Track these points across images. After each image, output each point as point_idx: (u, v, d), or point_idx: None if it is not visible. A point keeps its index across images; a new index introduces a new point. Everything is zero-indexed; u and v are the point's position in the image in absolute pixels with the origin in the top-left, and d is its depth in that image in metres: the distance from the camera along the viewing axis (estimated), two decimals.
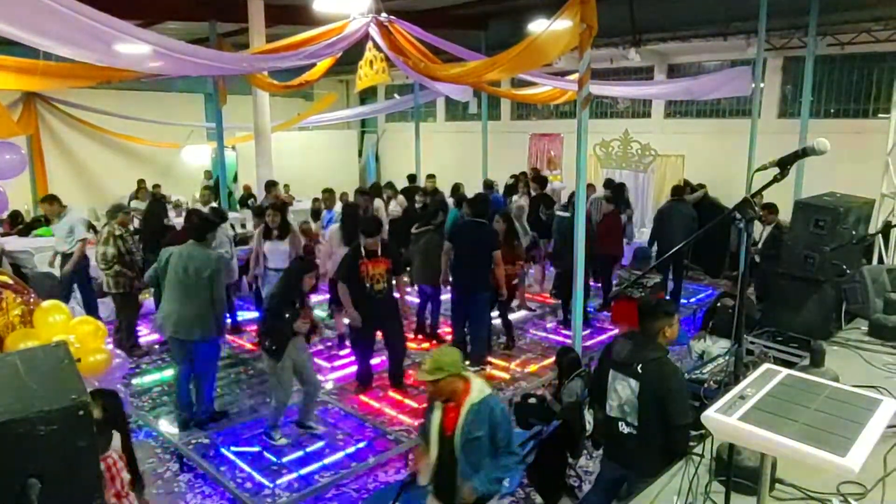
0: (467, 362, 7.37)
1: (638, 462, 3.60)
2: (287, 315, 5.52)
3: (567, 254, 8.05)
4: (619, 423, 3.64)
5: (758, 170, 2.36)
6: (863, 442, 1.79)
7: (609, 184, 10.76)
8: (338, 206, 9.49)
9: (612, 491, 3.82)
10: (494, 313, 7.93)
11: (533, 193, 11.01)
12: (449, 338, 7.91)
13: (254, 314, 8.91)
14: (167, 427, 6.16)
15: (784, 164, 2.29)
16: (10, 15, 4.75)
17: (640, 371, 3.54)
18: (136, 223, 9.74)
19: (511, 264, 7.74)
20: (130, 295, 7.76)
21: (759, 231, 8.30)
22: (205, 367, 6.05)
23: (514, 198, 11.53)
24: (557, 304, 9.46)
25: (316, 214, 11.06)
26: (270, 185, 10.39)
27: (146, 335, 8.45)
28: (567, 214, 9.39)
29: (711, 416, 1.93)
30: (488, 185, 12.68)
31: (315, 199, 11.45)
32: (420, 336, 8.35)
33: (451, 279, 7.52)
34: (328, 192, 10.05)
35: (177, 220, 10.46)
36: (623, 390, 3.60)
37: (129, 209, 8.95)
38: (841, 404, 1.99)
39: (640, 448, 3.58)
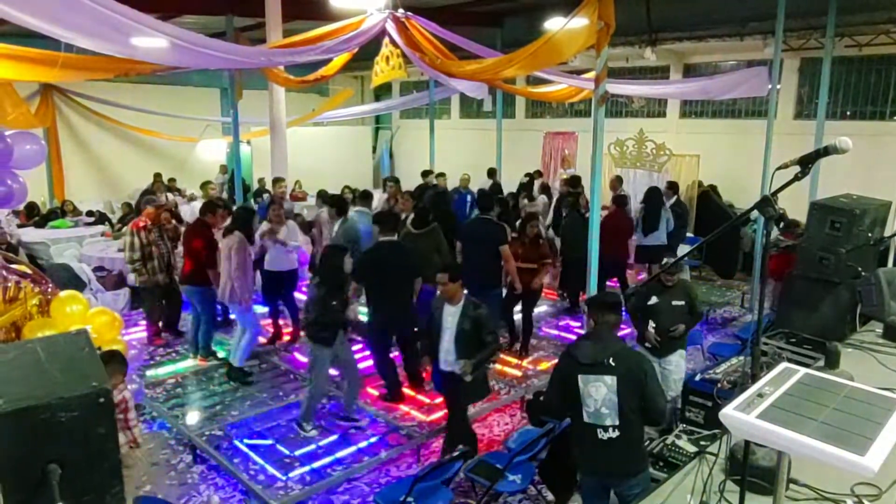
0: None
1: (622, 463, 3.60)
2: (335, 303, 5.62)
3: (571, 249, 8.09)
4: (598, 430, 3.57)
5: (778, 168, 2.34)
6: (882, 441, 1.78)
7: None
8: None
9: (605, 499, 3.81)
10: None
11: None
12: None
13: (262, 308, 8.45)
14: (181, 418, 6.19)
15: (805, 162, 2.27)
16: (34, 6, 4.80)
17: (612, 364, 3.52)
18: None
19: (533, 262, 7.51)
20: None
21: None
22: None
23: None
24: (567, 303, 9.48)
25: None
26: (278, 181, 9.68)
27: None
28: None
29: (730, 413, 1.92)
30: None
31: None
32: None
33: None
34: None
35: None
36: (598, 391, 3.53)
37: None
38: (860, 404, 1.98)
39: (623, 448, 3.57)
